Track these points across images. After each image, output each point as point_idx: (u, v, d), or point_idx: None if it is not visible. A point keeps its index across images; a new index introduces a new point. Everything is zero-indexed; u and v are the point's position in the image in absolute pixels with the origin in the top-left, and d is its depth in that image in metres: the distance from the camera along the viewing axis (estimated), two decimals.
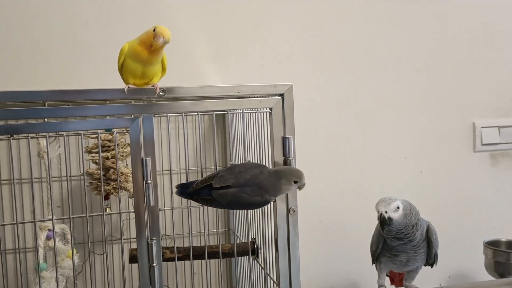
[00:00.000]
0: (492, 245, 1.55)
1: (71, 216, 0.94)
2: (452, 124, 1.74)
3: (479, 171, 1.77)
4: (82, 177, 1.33)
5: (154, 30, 0.97)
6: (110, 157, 1.24)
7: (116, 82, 1.43)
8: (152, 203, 0.95)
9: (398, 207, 1.20)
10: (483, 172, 1.77)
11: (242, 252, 1.17)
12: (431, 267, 1.32)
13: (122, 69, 1.03)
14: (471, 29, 1.74)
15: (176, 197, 1.02)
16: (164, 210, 1.36)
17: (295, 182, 0.98)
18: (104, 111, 0.95)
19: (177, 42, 1.47)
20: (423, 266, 1.32)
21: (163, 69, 1.04)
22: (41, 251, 1.03)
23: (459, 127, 1.75)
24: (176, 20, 1.48)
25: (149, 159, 0.95)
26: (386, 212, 1.19)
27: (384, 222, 1.19)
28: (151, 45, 0.97)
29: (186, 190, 1.03)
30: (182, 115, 1.00)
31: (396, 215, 1.20)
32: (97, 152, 1.24)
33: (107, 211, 1.30)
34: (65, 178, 1.35)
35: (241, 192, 0.97)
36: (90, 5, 1.43)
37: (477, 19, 1.74)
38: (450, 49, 1.72)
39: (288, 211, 1.05)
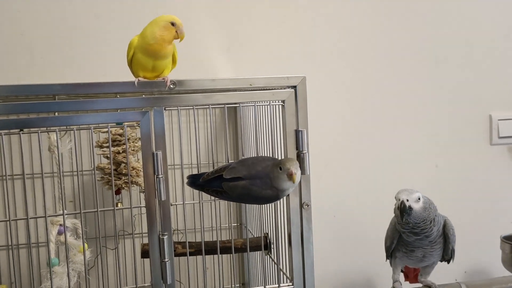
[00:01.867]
0: (510, 240, 1.51)
1: (82, 211, 0.93)
2: (468, 117, 1.71)
3: (495, 164, 1.74)
4: (93, 171, 1.33)
5: (173, 24, 0.96)
6: (121, 152, 1.24)
7: (126, 75, 1.43)
8: (163, 198, 0.94)
9: (419, 198, 1.18)
10: (500, 165, 1.74)
11: (255, 247, 1.16)
12: (448, 263, 1.30)
13: (131, 62, 1.02)
14: (488, 20, 1.70)
15: (188, 192, 1.01)
16: (176, 205, 1.35)
17: (280, 169, 0.93)
18: (114, 104, 0.94)
19: (188, 34, 1.46)
20: (439, 262, 1.30)
21: (174, 61, 1.03)
22: (52, 246, 1.03)
23: (475, 120, 1.72)
24: (187, 11, 1.47)
25: (160, 153, 0.94)
26: (407, 200, 1.17)
27: (404, 210, 1.16)
28: (177, 38, 0.98)
29: (196, 181, 1.02)
30: (193, 108, 0.99)
31: (416, 206, 1.18)
32: (108, 147, 1.23)
33: (118, 205, 1.29)
34: (76, 172, 1.35)
35: (252, 185, 0.95)
36: (103, 3, 1.42)
37: (495, 10, 1.71)
38: (467, 41, 1.69)
39: (301, 205, 1.03)
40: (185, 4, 1.47)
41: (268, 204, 1.12)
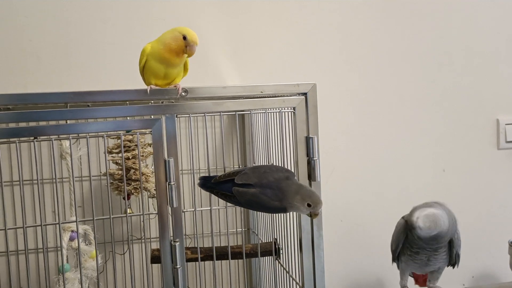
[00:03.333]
0: None
1: (95, 218, 0.94)
2: (475, 121, 1.70)
3: (503, 169, 1.73)
4: (102, 177, 1.34)
5: (184, 38, 0.96)
6: (130, 158, 1.24)
7: (134, 80, 1.44)
8: (175, 205, 0.94)
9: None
10: (507, 169, 1.73)
11: (264, 252, 1.16)
12: (453, 267, 1.29)
13: (143, 70, 1.02)
14: (494, 23, 1.70)
15: (197, 197, 1.01)
16: (185, 212, 1.36)
17: (309, 205, 0.93)
18: (126, 112, 0.95)
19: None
20: (446, 267, 1.30)
21: (185, 69, 1.04)
22: (64, 252, 1.03)
23: (482, 124, 1.71)
24: (196, 19, 1.47)
25: (172, 160, 0.94)
26: (429, 228, 1.14)
27: (413, 226, 1.15)
28: (184, 52, 0.97)
29: (207, 183, 1.02)
30: (204, 115, 0.99)
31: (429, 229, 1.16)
32: (117, 152, 1.24)
33: (129, 211, 1.30)
34: (87, 178, 1.35)
35: (262, 194, 0.95)
36: (109, 5, 1.43)
37: (499, 13, 1.70)
38: (473, 44, 1.68)
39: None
40: (193, 12, 1.47)
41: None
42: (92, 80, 1.42)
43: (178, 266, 0.95)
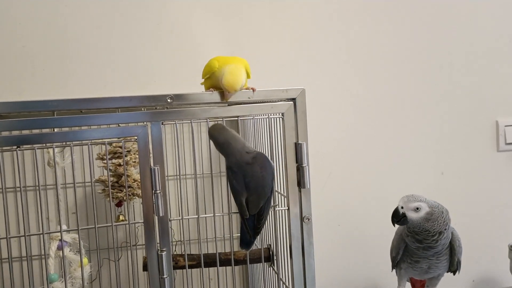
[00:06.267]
0: None
1: (79, 228, 0.93)
2: (474, 123, 1.68)
3: (502, 171, 1.71)
4: (92, 185, 1.33)
5: (222, 81, 0.96)
6: (121, 164, 1.23)
7: (128, 86, 1.43)
8: (161, 214, 0.93)
9: (418, 208, 1.16)
10: (507, 172, 1.71)
11: (257, 259, 1.14)
12: (454, 274, 1.27)
13: (206, 80, 1.04)
14: (493, 25, 1.68)
15: (186, 205, 0.99)
16: (171, 220, 1.34)
17: None
18: (112, 120, 0.93)
19: (189, 47, 1.46)
20: (446, 273, 1.28)
21: (248, 75, 1.04)
22: (52, 261, 1.02)
23: (481, 126, 1.69)
24: (188, 25, 1.47)
25: (158, 168, 0.93)
26: (402, 207, 1.18)
27: (394, 215, 1.19)
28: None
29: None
30: (191, 122, 0.98)
31: (413, 215, 1.17)
32: (109, 159, 1.23)
33: (120, 218, 1.29)
34: (76, 186, 1.34)
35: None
36: (104, 11, 1.42)
37: (500, 15, 1.68)
38: (472, 46, 1.66)
39: (302, 219, 1.01)
40: (186, 18, 1.46)
41: (269, 217, 1.10)
42: (87, 86, 1.41)
43: (165, 276, 0.94)
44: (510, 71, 1.70)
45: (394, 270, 1.31)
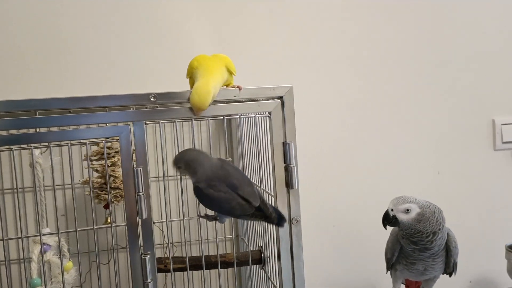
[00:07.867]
0: None
1: (60, 232, 0.90)
2: (470, 122, 1.66)
3: (499, 170, 1.68)
4: (82, 186, 1.30)
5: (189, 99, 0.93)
6: (110, 165, 1.20)
7: (121, 85, 1.41)
8: (145, 216, 0.90)
9: (408, 210, 1.14)
10: (504, 171, 1.68)
11: (246, 262, 1.12)
12: (450, 276, 1.25)
13: (190, 79, 1.03)
14: (491, 24, 1.65)
15: (173, 207, 0.97)
16: (155, 223, 1.31)
17: None
18: (93, 119, 0.91)
19: (175, 44, 1.44)
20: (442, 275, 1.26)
21: (231, 73, 1.03)
22: (35, 266, 0.99)
23: (478, 125, 1.66)
24: (174, 22, 1.44)
25: (140, 169, 0.90)
26: (392, 210, 1.17)
27: (384, 218, 1.18)
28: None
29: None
30: (174, 122, 0.95)
31: (404, 217, 1.15)
32: (97, 160, 1.20)
33: (108, 220, 1.26)
34: (64, 187, 1.32)
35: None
36: (97, 10, 1.40)
37: (497, 13, 1.66)
38: (468, 44, 1.64)
39: (291, 221, 0.98)
40: (173, 16, 1.44)
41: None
42: (80, 85, 1.39)
43: (148, 281, 0.91)
44: (506, 69, 1.68)
45: (389, 272, 1.29)
